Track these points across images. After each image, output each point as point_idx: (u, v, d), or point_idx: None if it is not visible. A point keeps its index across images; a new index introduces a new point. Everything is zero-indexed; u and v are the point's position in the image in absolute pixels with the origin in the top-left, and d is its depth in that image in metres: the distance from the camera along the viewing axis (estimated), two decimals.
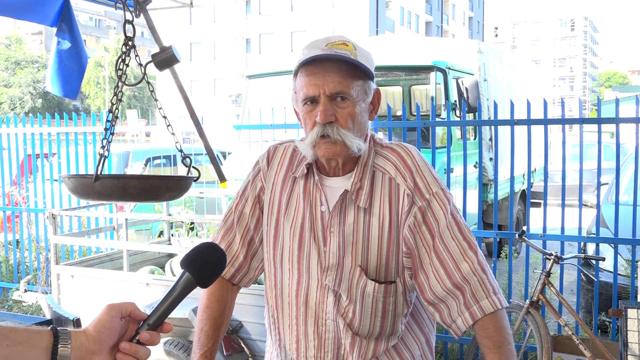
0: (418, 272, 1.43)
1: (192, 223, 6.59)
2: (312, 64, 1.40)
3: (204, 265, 1.08)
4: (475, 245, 1.42)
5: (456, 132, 6.30)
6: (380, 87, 1.54)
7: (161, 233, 6.37)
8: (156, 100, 2.50)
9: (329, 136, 1.39)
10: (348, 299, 1.44)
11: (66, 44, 2.99)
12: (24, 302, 4.95)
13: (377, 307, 1.44)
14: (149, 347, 1.03)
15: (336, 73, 1.38)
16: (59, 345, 0.93)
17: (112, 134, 2.44)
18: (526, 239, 3.81)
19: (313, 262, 1.47)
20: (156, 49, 2.75)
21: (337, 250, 1.44)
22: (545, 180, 4.45)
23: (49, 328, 0.95)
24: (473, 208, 5.56)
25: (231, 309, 1.60)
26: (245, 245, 1.57)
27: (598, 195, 4.59)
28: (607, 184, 6.16)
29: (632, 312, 3.34)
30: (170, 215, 4.42)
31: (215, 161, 3.44)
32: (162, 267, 4.12)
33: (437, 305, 1.42)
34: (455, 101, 6.16)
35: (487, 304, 1.37)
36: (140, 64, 2.53)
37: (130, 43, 2.42)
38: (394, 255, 1.44)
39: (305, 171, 1.50)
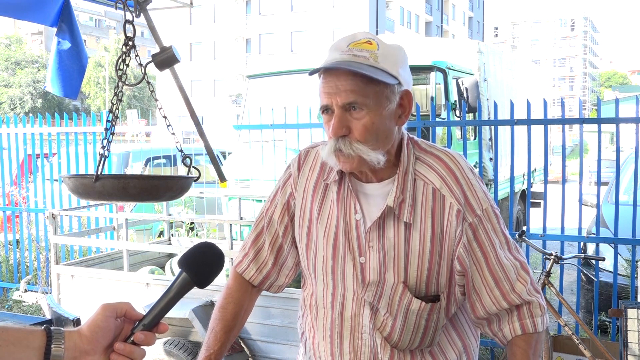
0: (470, 291, 1.39)
1: (192, 223, 6.59)
2: (328, 71, 1.31)
3: (202, 265, 1.07)
4: (526, 265, 1.40)
5: (456, 132, 6.30)
6: None
7: (161, 233, 6.37)
8: (156, 100, 2.51)
9: (342, 151, 1.31)
10: (388, 313, 1.38)
11: (66, 44, 2.99)
12: (24, 302, 4.94)
13: (419, 324, 1.39)
14: (145, 347, 1.02)
15: (349, 81, 1.28)
16: (52, 345, 0.92)
17: (112, 134, 2.44)
18: (526, 239, 3.80)
19: (348, 273, 1.40)
20: (156, 49, 2.75)
21: (378, 266, 1.37)
22: (545, 180, 4.45)
23: (42, 328, 0.94)
24: None
25: (247, 312, 1.55)
26: (274, 252, 1.53)
27: (598, 196, 4.59)
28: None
29: (632, 312, 3.34)
30: (170, 215, 4.42)
31: (215, 161, 3.44)
32: (162, 267, 4.12)
33: (487, 318, 1.41)
34: (455, 101, 6.16)
35: (540, 322, 1.37)
36: (140, 64, 2.53)
37: (130, 43, 2.42)
38: (436, 270, 1.37)
39: (338, 177, 1.42)
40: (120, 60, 2.41)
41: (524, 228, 4.95)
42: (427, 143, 1.45)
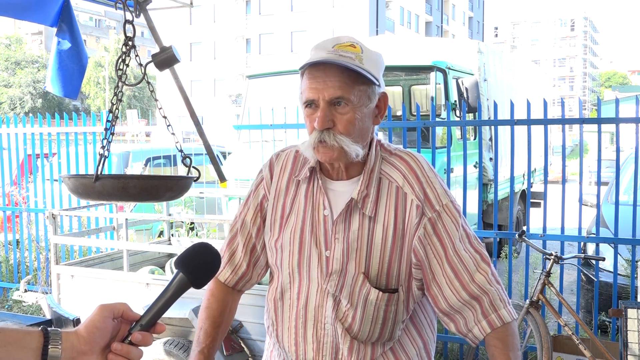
0: (430, 283, 1.44)
1: (192, 223, 6.59)
2: (315, 67, 1.39)
3: (198, 265, 1.07)
4: (487, 257, 1.45)
5: (456, 132, 6.30)
6: None
7: (161, 233, 6.37)
8: (156, 100, 2.50)
9: (326, 142, 1.39)
10: (349, 304, 1.45)
11: (66, 44, 2.99)
12: (24, 302, 4.94)
13: (378, 315, 1.45)
14: (143, 347, 1.02)
15: (337, 78, 1.37)
16: (49, 346, 0.93)
17: (112, 134, 2.44)
18: (526, 239, 3.81)
19: (313, 266, 1.47)
20: (156, 49, 2.75)
21: (341, 256, 1.44)
22: (545, 180, 4.45)
23: (40, 328, 0.94)
24: (473, 208, 5.56)
25: (232, 309, 1.62)
26: (248, 253, 1.59)
27: (598, 195, 4.59)
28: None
29: (632, 312, 3.34)
30: (170, 215, 4.42)
31: (215, 161, 3.44)
32: (162, 267, 4.12)
33: (452, 316, 1.44)
34: (455, 101, 6.16)
35: (505, 314, 1.40)
36: (140, 64, 2.53)
37: (130, 43, 2.42)
38: (396, 264, 1.44)
39: (308, 174, 1.50)
40: (120, 60, 2.41)
41: (524, 228, 4.96)
42: (393, 146, 1.54)
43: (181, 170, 7.41)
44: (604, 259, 3.79)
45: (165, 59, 2.61)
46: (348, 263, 1.44)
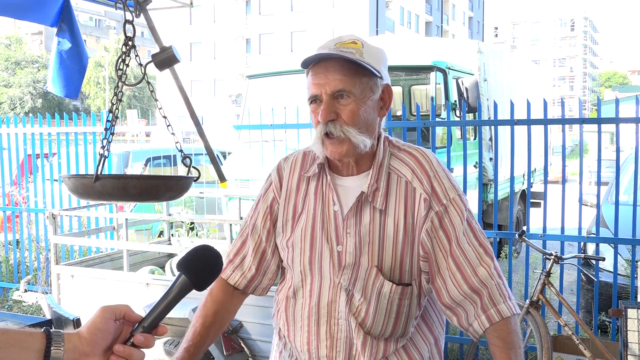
0: (435, 276, 1.44)
1: (192, 223, 6.59)
2: (317, 64, 1.43)
3: (201, 267, 1.07)
4: (491, 251, 1.45)
5: (456, 132, 6.30)
6: None
7: (161, 233, 6.37)
8: (156, 100, 2.50)
9: (332, 134, 1.40)
10: (363, 297, 1.45)
11: (66, 44, 2.99)
12: (24, 302, 4.94)
13: (391, 308, 1.46)
14: (144, 349, 1.02)
15: (338, 71, 1.40)
16: (52, 348, 0.93)
17: (112, 134, 2.44)
18: (526, 239, 3.81)
19: (325, 262, 1.48)
20: (156, 49, 2.75)
21: (354, 250, 1.45)
22: (545, 180, 4.45)
23: (42, 330, 0.94)
24: (473, 208, 5.55)
25: (230, 311, 1.61)
26: (258, 257, 1.59)
27: (598, 195, 4.59)
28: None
29: (632, 312, 3.34)
30: (170, 215, 4.42)
31: (215, 161, 3.44)
32: (162, 267, 4.12)
33: (454, 310, 1.44)
34: (455, 101, 6.16)
35: (505, 308, 1.39)
36: (140, 64, 2.53)
37: (130, 43, 2.41)
38: (408, 257, 1.45)
39: (317, 171, 1.52)
40: (120, 60, 2.40)
41: (524, 228, 4.95)
42: (401, 142, 1.56)
43: (181, 170, 7.41)
44: (604, 259, 3.79)
45: (165, 59, 2.61)
46: (361, 257, 1.45)
